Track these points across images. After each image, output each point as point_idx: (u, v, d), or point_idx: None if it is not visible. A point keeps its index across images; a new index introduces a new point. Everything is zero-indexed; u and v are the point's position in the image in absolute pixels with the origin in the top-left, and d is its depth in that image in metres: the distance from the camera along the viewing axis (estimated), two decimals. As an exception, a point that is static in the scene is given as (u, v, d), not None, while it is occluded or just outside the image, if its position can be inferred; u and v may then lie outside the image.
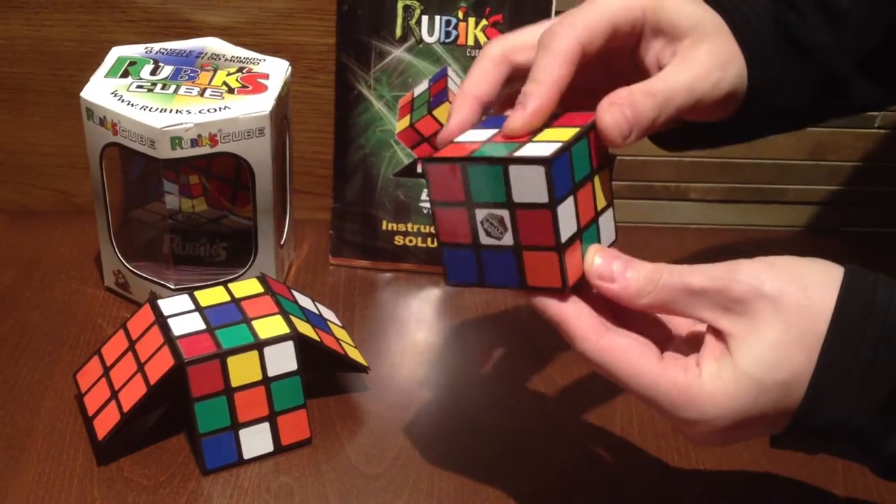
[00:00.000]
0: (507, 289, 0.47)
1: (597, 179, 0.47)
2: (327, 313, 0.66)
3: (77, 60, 0.74)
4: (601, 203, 0.48)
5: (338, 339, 0.63)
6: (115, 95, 0.64)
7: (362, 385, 0.64)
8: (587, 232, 0.46)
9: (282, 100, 0.67)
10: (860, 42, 0.55)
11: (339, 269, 0.76)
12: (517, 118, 0.46)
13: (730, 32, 0.52)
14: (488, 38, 0.71)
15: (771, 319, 0.43)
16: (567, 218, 0.45)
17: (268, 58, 0.70)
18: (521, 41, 0.50)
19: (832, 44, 0.55)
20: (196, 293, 0.61)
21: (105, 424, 0.57)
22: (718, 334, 0.44)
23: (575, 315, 0.46)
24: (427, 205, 0.74)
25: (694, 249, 0.81)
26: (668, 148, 0.57)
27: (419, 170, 0.73)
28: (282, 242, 0.72)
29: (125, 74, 0.67)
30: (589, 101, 0.50)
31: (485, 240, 0.46)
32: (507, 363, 0.68)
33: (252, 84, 0.67)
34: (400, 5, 0.71)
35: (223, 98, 0.65)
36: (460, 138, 0.48)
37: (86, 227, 0.75)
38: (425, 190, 0.74)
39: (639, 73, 0.51)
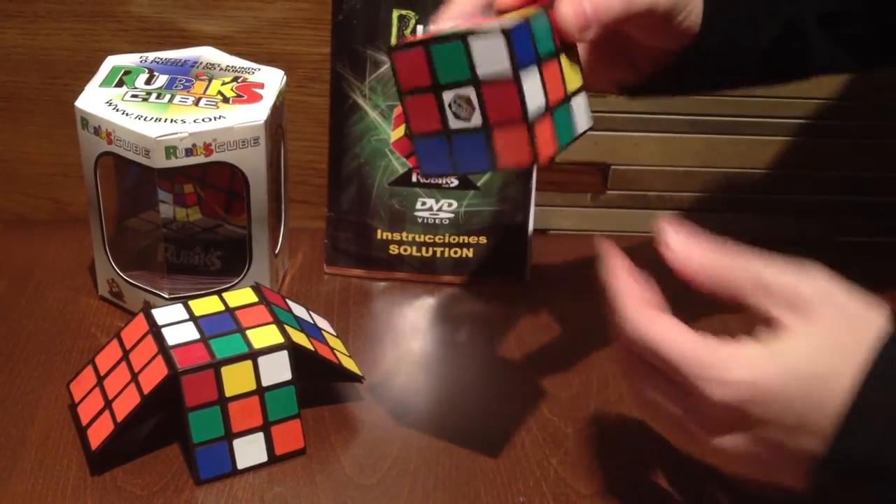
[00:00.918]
0: (479, 172, 0.47)
1: (564, 59, 0.47)
2: (322, 322, 0.66)
3: (72, 69, 0.74)
4: (572, 84, 0.48)
5: (332, 349, 0.63)
6: (110, 105, 0.64)
7: (357, 395, 0.64)
8: (558, 111, 0.46)
9: (277, 109, 0.67)
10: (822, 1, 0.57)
11: (334, 278, 0.76)
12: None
13: None
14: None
15: (832, 321, 0.43)
16: (533, 90, 0.45)
17: (263, 67, 0.70)
18: None
19: None
20: (190, 302, 0.61)
21: (99, 434, 0.57)
22: (771, 325, 0.44)
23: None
24: (423, 213, 0.74)
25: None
26: (636, 94, 0.58)
27: (414, 179, 0.73)
28: (276, 251, 0.72)
29: (120, 84, 0.67)
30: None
31: (454, 123, 0.46)
32: (501, 372, 0.68)
33: (247, 93, 0.67)
34: (395, 15, 0.71)
35: (218, 107, 0.65)
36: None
37: (80, 236, 0.75)
38: (419, 200, 0.74)
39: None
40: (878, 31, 0.60)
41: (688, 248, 0.46)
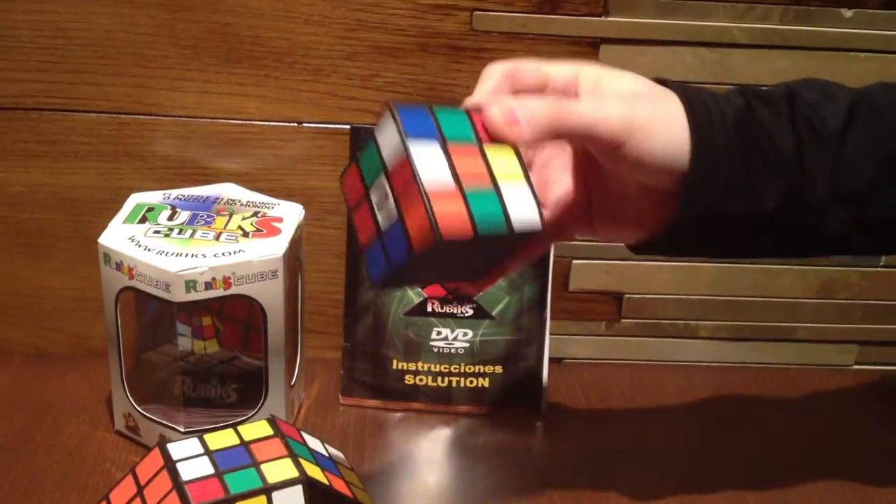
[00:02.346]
0: (403, 264, 0.47)
1: (491, 151, 0.48)
2: (336, 455, 0.66)
3: (96, 207, 0.76)
4: (504, 173, 0.48)
5: (347, 483, 0.62)
6: (133, 240, 0.66)
7: (372, 529, 0.63)
8: (476, 194, 0.46)
9: (295, 242, 0.69)
10: (844, 173, 0.54)
11: (350, 409, 0.76)
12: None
13: (677, 104, 0.53)
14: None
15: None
16: (430, 164, 0.46)
17: (282, 202, 0.72)
18: (524, 64, 0.55)
19: (809, 165, 0.53)
20: (205, 436, 0.60)
21: (110, 572, 0.56)
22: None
23: None
24: (438, 343, 0.74)
25: (704, 387, 0.81)
26: (641, 251, 0.58)
27: (429, 308, 0.74)
28: (292, 383, 0.72)
29: (143, 220, 0.68)
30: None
31: (382, 221, 0.47)
32: (519, 506, 0.67)
33: (266, 227, 0.68)
34: (410, 151, 0.73)
35: (238, 241, 0.66)
36: None
37: (98, 370, 0.75)
38: (434, 329, 0.74)
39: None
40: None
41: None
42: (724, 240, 0.56)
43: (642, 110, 0.52)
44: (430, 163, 0.45)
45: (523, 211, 0.48)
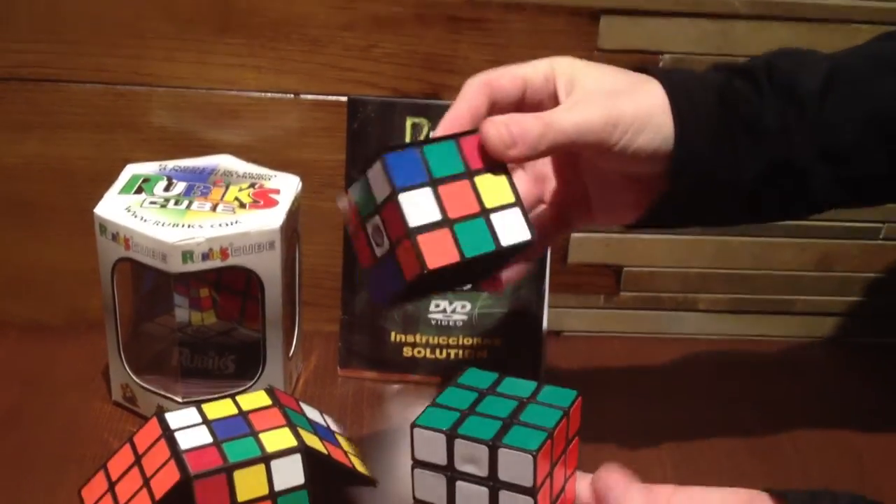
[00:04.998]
0: (400, 290, 0.49)
1: (481, 179, 0.50)
2: (335, 425, 0.66)
3: (92, 178, 0.75)
4: (494, 200, 0.50)
5: (345, 452, 0.62)
6: (129, 211, 0.65)
7: (370, 499, 0.63)
8: (465, 224, 0.49)
9: (292, 214, 0.68)
10: (825, 132, 0.55)
11: (348, 381, 0.75)
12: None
13: (659, 90, 0.54)
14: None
15: None
16: (419, 208, 0.48)
17: (279, 173, 0.71)
18: (499, 73, 0.55)
19: (790, 129, 0.55)
20: (203, 406, 0.60)
21: (109, 541, 0.56)
22: None
23: None
24: (436, 315, 0.74)
25: (702, 360, 0.81)
26: (635, 227, 0.59)
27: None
28: (290, 354, 0.72)
29: (139, 191, 0.68)
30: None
31: (377, 251, 0.50)
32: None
33: (263, 199, 0.68)
34: (408, 123, 0.73)
35: (235, 213, 0.66)
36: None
37: (95, 341, 0.75)
38: (433, 302, 0.74)
39: None
40: (889, 169, 0.56)
41: None
42: (713, 208, 0.58)
43: (626, 107, 0.53)
44: (419, 207, 0.48)
45: (512, 227, 0.50)
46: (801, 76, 0.55)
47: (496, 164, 0.51)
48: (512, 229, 0.50)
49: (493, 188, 0.50)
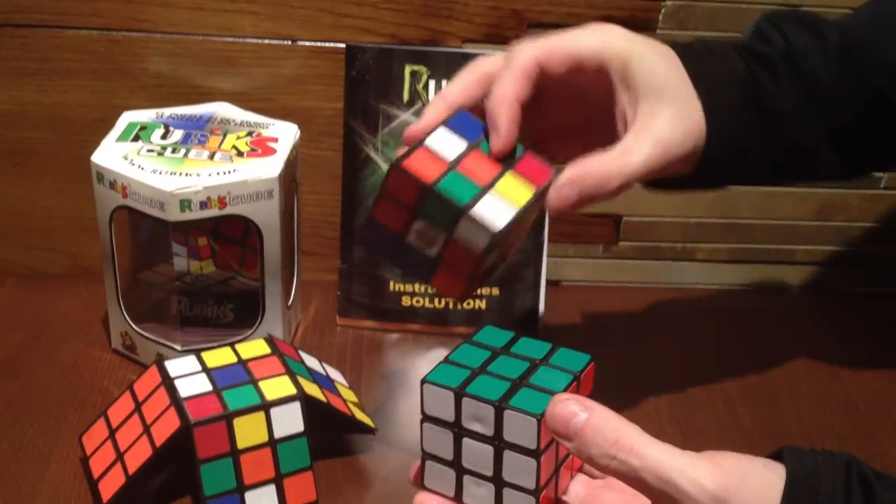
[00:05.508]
0: (413, 277, 0.51)
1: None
2: (334, 374, 0.66)
3: (88, 125, 0.75)
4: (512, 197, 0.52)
5: (345, 400, 0.63)
6: (126, 159, 0.65)
7: (369, 447, 0.64)
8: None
9: (290, 163, 0.68)
10: (833, 114, 0.57)
11: (347, 330, 0.76)
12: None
13: (694, 93, 0.54)
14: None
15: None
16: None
17: (277, 122, 0.71)
18: (549, 49, 0.54)
19: (803, 114, 0.56)
20: (203, 354, 0.61)
21: (110, 487, 0.56)
22: None
23: None
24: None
25: (701, 309, 0.81)
26: (655, 188, 0.60)
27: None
28: (289, 304, 0.72)
29: (136, 139, 0.67)
30: (572, 134, 0.57)
31: (413, 240, 0.50)
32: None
33: (261, 147, 0.67)
34: (407, 70, 0.72)
35: (232, 161, 0.65)
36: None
37: (94, 290, 0.75)
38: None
39: (613, 117, 0.55)
40: (875, 142, 0.60)
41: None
42: (725, 182, 0.61)
43: (673, 135, 0.53)
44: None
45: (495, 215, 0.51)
46: (815, 59, 0.56)
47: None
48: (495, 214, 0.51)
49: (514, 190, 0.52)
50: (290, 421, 0.58)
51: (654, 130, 0.53)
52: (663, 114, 0.53)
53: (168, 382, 0.58)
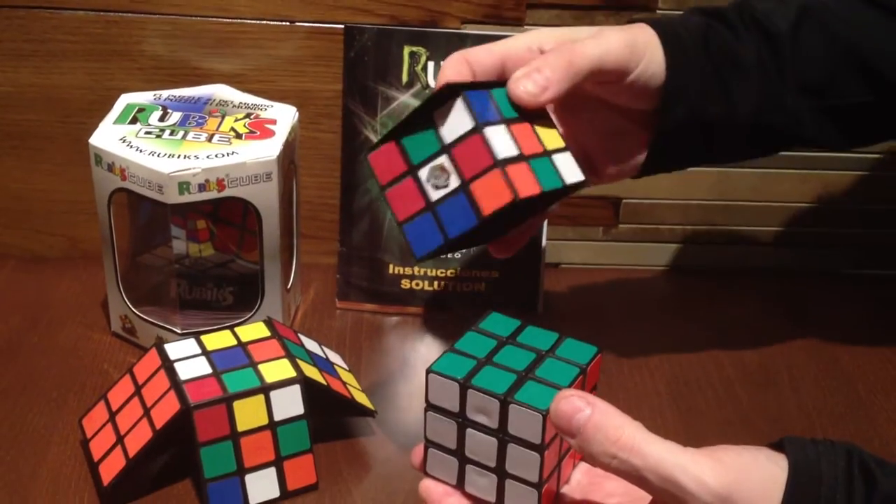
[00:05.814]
0: (469, 231, 0.49)
1: (537, 127, 0.51)
2: (334, 357, 0.66)
3: (86, 107, 0.74)
4: (551, 143, 0.51)
5: (344, 383, 0.63)
6: (124, 141, 0.65)
7: (369, 429, 0.64)
8: (536, 161, 0.49)
9: (289, 145, 0.68)
10: (805, 69, 0.58)
11: (346, 313, 0.76)
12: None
13: (654, 35, 0.56)
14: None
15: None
16: (501, 140, 0.48)
17: (275, 104, 0.70)
18: (476, 49, 0.55)
19: (768, 64, 0.57)
20: (202, 337, 0.61)
21: (110, 470, 0.57)
22: None
23: None
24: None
25: (700, 291, 0.81)
26: (639, 175, 0.61)
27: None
28: (288, 286, 0.72)
29: (134, 121, 0.67)
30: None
31: (434, 195, 0.49)
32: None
33: (260, 129, 0.67)
34: (406, 52, 0.72)
35: (231, 143, 0.65)
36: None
37: (93, 273, 0.75)
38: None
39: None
40: (873, 105, 0.59)
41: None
42: (710, 146, 0.60)
43: (639, 36, 0.55)
44: (500, 140, 0.48)
45: (570, 173, 0.51)
46: (774, 15, 0.58)
47: (541, 112, 0.52)
48: (569, 170, 0.51)
49: (546, 133, 0.52)
50: (289, 404, 0.58)
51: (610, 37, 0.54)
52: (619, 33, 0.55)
53: (168, 365, 0.58)
